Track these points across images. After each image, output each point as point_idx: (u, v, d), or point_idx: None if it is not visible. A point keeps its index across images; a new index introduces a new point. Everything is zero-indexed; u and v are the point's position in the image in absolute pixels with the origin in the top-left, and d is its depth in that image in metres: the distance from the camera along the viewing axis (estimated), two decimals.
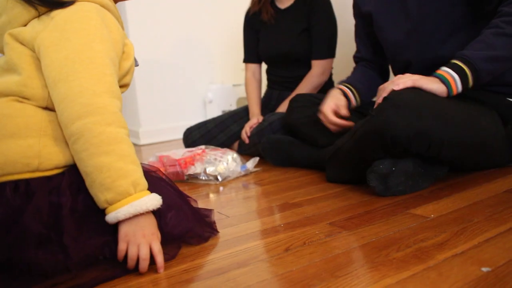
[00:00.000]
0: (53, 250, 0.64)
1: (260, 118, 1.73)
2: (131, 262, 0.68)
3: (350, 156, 1.12)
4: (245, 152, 1.74)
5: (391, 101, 0.99)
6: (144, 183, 0.70)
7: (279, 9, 1.83)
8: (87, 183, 0.69)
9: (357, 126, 1.09)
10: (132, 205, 0.67)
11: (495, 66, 1.02)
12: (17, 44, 0.73)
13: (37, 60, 0.72)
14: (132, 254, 0.68)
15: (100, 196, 0.67)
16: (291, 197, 1.09)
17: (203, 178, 1.33)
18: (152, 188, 0.73)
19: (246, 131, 1.72)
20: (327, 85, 1.78)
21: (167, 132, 2.37)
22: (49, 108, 0.72)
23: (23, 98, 0.71)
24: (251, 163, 1.41)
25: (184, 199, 0.83)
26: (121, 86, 0.79)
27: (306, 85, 1.75)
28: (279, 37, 1.81)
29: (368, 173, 1.03)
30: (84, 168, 0.68)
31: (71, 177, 0.70)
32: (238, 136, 1.81)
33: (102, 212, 0.69)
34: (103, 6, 0.78)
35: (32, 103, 0.71)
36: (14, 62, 0.72)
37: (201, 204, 0.96)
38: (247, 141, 1.70)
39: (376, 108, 1.02)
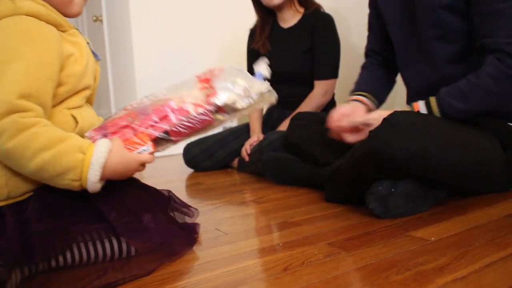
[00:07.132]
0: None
1: (261, 136, 1.73)
2: None
3: (348, 177, 1.11)
4: (244, 169, 1.74)
5: (389, 122, 0.99)
6: (83, 142, 0.71)
7: (282, 29, 1.85)
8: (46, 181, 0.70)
9: (356, 147, 1.09)
10: (93, 165, 0.68)
11: (463, 115, 1.07)
12: None
13: None
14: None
15: (65, 183, 0.68)
16: (290, 216, 1.08)
17: (241, 105, 0.93)
18: (119, 194, 0.74)
19: (246, 149, 1.72)
20: (330, 106, 1.79)
21: None
22: None
23: None
24: (263, 66, 1.04)
25: (158, 202, 0.81)
26: (83, 89, 0.79)
27: (308, 105, 1.75)
28: (282, 56, 1.82)
29: (367, 195, 1.01)
30: (29, 174, 0.69)
31: (40, 195, 0.72)
32: (238, 153, 1.81)
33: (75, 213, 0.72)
34: (30, 15, 0.72)
35: None
36: None
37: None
38: (247, 158, 1.70)
39: (374, 129, 1.02)
